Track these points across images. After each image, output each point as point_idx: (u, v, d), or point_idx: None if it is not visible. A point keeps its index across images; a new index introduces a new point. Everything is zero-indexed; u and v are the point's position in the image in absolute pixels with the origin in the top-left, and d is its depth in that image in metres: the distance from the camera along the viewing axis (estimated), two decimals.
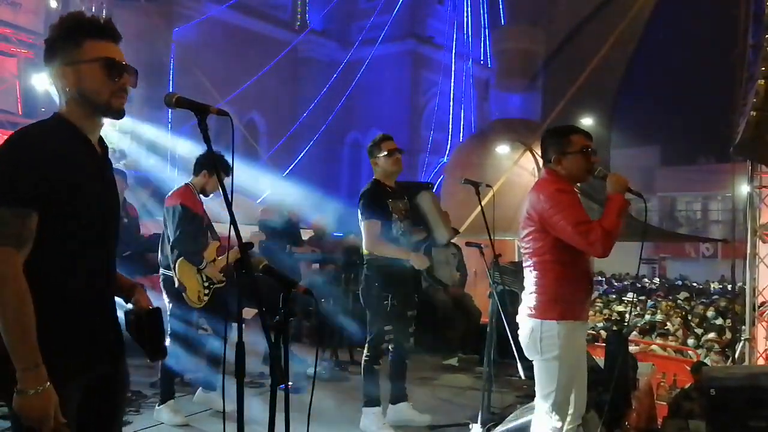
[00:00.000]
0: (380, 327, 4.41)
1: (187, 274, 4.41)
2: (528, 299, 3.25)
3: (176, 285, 4.40)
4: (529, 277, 3.27)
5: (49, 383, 1.77)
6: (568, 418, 3.34)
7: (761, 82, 6.47)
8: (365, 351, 4.48)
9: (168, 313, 4.44)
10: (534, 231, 3.19)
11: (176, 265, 4.38)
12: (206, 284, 4.52)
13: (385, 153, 4.40)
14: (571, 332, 3.18)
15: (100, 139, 2.06)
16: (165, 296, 4.49)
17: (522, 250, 3.34)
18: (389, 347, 4.46)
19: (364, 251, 4.46)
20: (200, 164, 4.63)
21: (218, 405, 4.63)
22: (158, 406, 4.43)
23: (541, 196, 3.16)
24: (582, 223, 3.05)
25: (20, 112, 11.39)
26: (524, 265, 3.31)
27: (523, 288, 3.38)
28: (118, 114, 1.98)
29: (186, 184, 4.63)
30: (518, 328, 3.38)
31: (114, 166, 2.19)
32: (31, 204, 1.80)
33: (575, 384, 3.31)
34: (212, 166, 4.43)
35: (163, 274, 4.52)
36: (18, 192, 1.79)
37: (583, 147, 3.26)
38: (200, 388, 4.77)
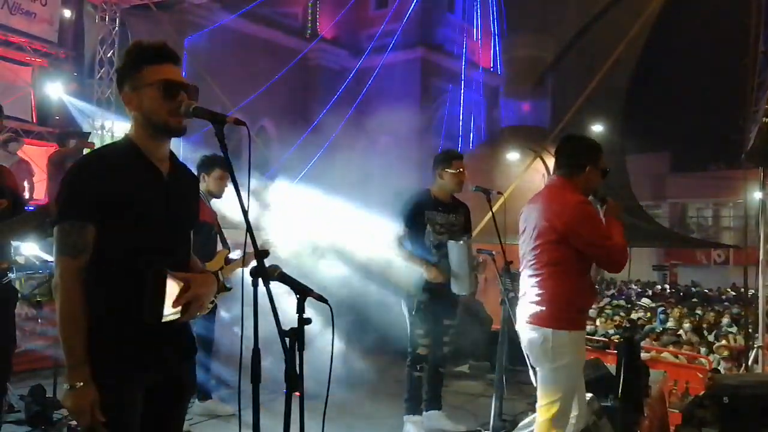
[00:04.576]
0: (413, 332, 4.49)
1: None
2: (533, 308, 3.24)
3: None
4: (537, 286, 3.25)
5: (90, 381, 1.95)
6: (572, 420, 3.35)
7: None
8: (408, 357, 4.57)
9: None
10: (552, 241, 3.17)
11: None
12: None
13: (454, 171, 4.49)
14: (579, 341, 3.24)
15: (172, 157, 2.21)
16: None
17: (528, 258, 3.31)
18: (426, 353, 4.50)
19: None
20: (198, 169, 4.67)
21: (219, 411, 4.65)
22: None
23: (567, 208, 3.15)
24: (607, 238, 3.11)
25: (34, 120, 11.53)
26: (530, 273, 3.29)
27: None
28: (178, 132, 2.11)
29: None
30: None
31: None
32: (87, 218, 2.00)
33: (577, 391, 3.33)
34: (208, 168, 4.55)
35: None
36: (76, 208, 2.00)
37: (605, 168, 3.34)
38: (196, 400, 4.76)
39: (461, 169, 4.53)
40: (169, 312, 2.02)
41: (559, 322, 3.17)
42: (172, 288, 2.02)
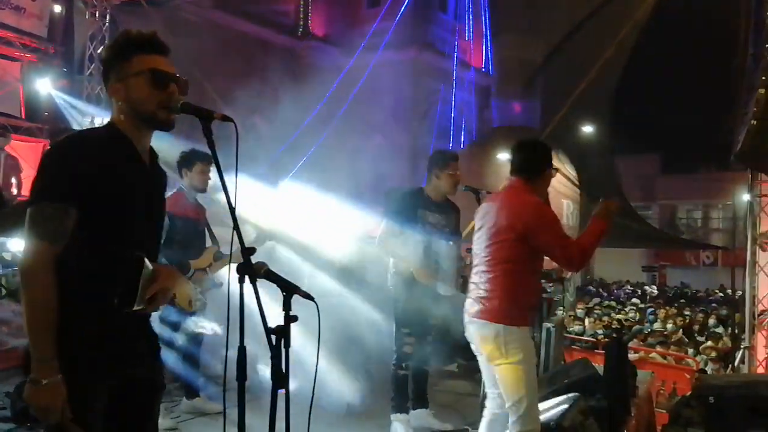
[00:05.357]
0: (399, 330, 4.52)
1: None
2: (485, 303, 3.32)
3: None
4: (489, 282, 3.34)
5: (59, 377, 1.83)
6: (489, 406, 3.54)
7: (761, 91, 6.49)
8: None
9: (157, 314, 4.44)
10: (510, 239, 3.28)
11: None
12: (198, 290, 4.53)
13: (449, 173, 4.49)
14: (528, 337, 3.37)
15: (151, 150, 2.14)
16: None
17: (483, 255, 3.41)
18: (411, 351, 4.51)
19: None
20: (178, 165, 4.66)
21: (206, 409, 4.64)
22: None
23: (527, 208, 3.30)
24: (564, 238, 3.27)
25: (23, 116, 11.44)
26: (482, 269, 3.39)
27: None
28: (164, 125, 2.05)
29: (178, 189, 4.65)
30: None
31: None
32: (71, 201, 1.87)
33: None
34: (188, 163, 4.52)
35: None
36: (61, 189, 1.87)
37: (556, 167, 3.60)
38: (183, 398, 4.75)
39: (456, 171, 4.54)
40: (138, 302, 1.96)
41: (510, 319, 3.27)
42: (145, 277, 1.96)
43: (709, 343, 11.89)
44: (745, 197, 9.48)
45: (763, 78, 6.58)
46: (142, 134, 2.08)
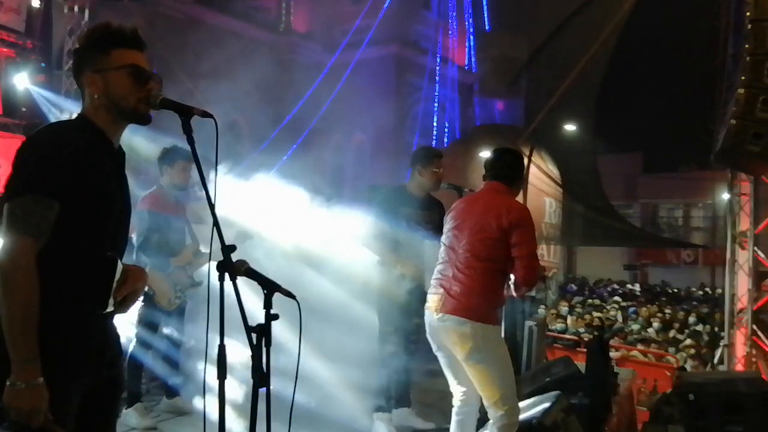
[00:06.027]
0: (383, 329, 4.51)
1: (155, 279, 4.37)
2: (463, 301, 3.35)
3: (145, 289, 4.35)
4: (467, 279, 3.37)
5: (41, 378, 1.78)
6: (461, 396, 3.57)
7: (741, 91, 6.54)
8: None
9: (137, 312, 4.40)
10: (493, 239, 3.34)
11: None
12: (178, 288, 4.49)
13: (433, 170, 4.50)
14: (500, 334, 3.51)
15: (119, 148, 2.11)
16: None
17: (461, 252, 3.43)
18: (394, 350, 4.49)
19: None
20: (159, 162, 4.60)
21: (186, 408, 4.60)
22: (125, 409, 4.31)
23: (515, 209, 3.39)
24: (535, 248, 3.40)
25: (0, 111, 11.29)
26: (459, 266, 3.42)
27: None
28: (144, 119, 2.03)
29: (158, 186, 4.59)
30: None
31: None
32: (55, 195, 1.82)
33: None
34: (170, 160, 4.47)
35: None
36: (44, 182, 1.82)
37: None
38: (164, 397, 4.71)
39: (440, 168, 4.54)
40: (111, 304, 1.96)
41: (488, 317, 3.35)
42: (117, 279, 1.95)
43: (689, 341, 12.01)
44: (725, 196, 9.58)
45: (743, 78, 6.62)
46: (117, 128, 2.06)
